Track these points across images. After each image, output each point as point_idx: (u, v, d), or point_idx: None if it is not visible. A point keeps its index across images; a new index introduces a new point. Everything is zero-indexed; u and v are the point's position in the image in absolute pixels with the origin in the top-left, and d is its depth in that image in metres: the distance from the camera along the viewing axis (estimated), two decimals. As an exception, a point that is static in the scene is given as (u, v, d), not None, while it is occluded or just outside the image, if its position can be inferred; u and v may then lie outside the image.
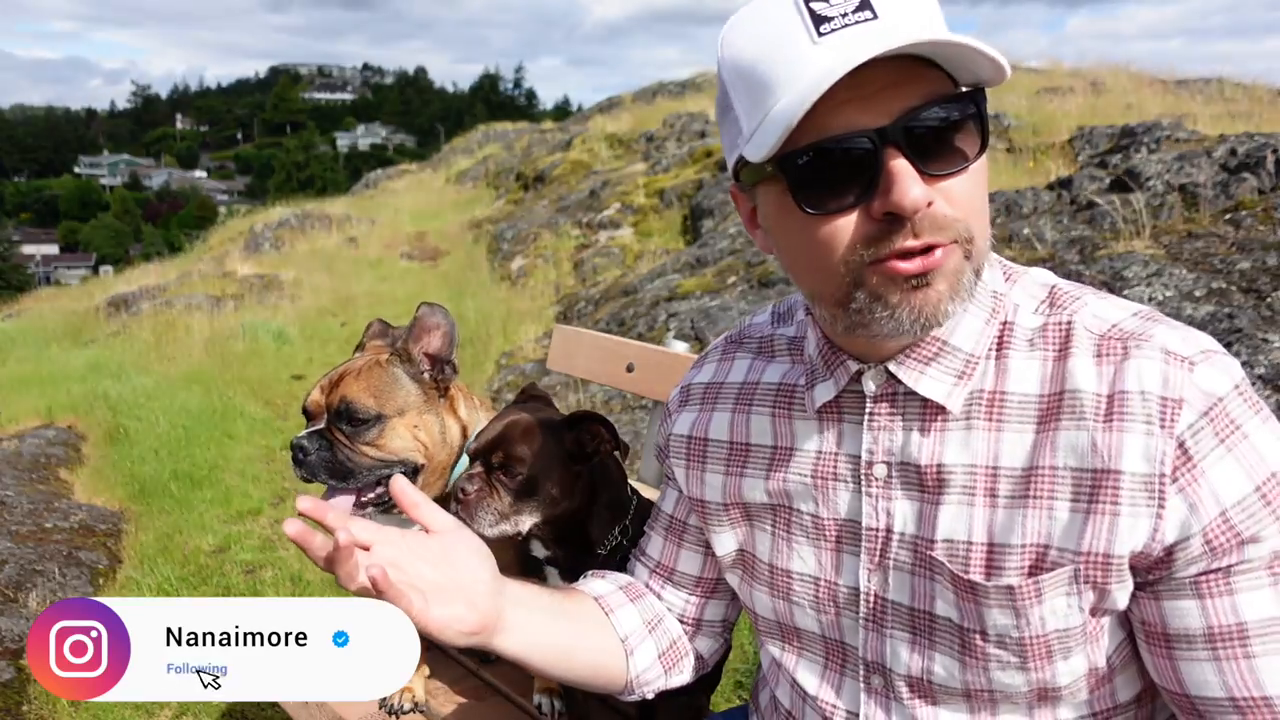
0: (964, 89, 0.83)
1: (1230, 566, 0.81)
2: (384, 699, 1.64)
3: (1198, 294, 3.82)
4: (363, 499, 1.47)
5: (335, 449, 1.43)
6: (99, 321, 9.73)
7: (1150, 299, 3.86)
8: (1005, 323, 0.92)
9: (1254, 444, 0.82)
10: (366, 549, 0.89)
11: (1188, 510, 0.81)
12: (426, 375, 1.51)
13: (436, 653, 1.84)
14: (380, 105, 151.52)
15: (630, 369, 2.01)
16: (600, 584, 1.22)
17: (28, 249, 66.64)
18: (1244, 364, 3.20)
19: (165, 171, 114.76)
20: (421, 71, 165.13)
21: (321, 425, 1.44)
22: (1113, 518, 0.83)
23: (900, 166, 0.78)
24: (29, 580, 3.31)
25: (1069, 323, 0.89)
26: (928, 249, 0.80)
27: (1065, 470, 0.85)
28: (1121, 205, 4.73)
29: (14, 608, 3.13)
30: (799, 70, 0.80)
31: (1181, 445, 0.81)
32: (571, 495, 1.32)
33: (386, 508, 1.49)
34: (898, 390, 0.93)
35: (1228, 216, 4.48)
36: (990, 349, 0.91)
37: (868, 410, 0.96)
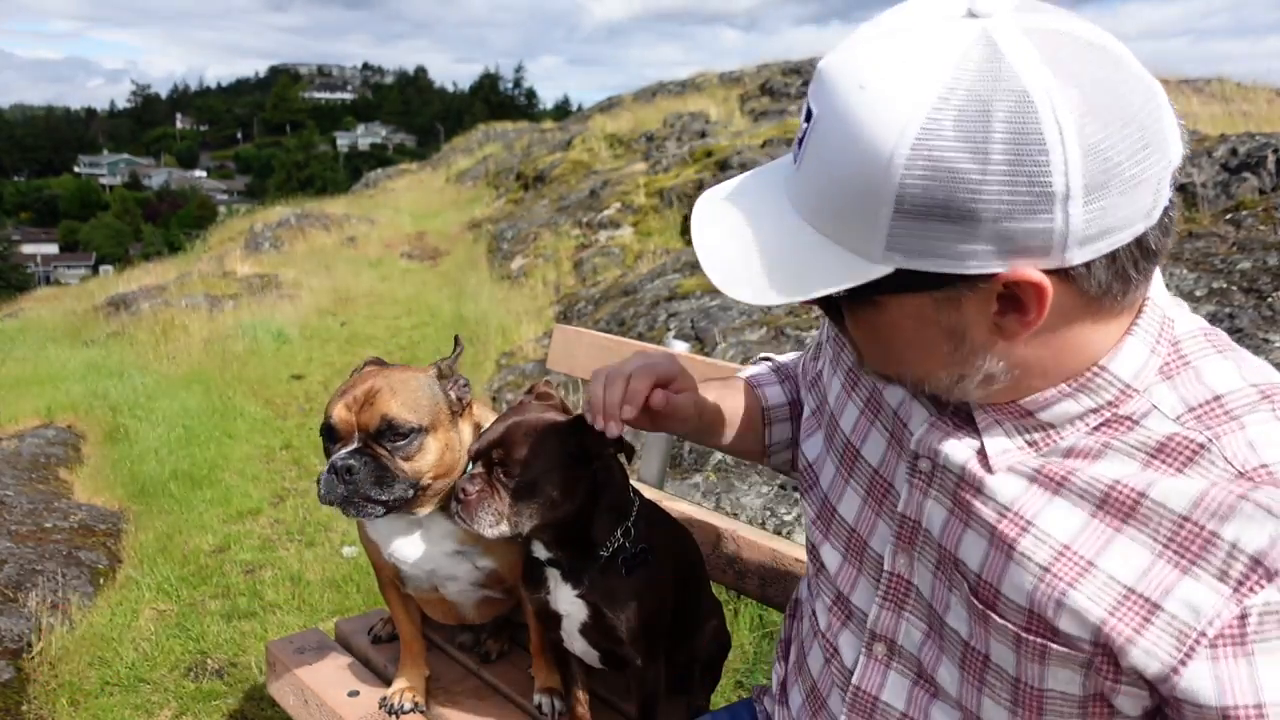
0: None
1: None
2: (384, 698, 1.64)
3: (1198, 294, 3.81)
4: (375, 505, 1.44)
5: (381, 462, 1.41)
6: (99, 321, 9.72)
7: (1150, 299, 3.86)
8: (1123, 417, 0.82)
9: None
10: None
11: (1212, 682, 0.73)
12: (452, 393, 1.51)
13: (437, 653, 1.84)
14: (380, 105, 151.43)
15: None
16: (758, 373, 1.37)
17: (27, 248, 66.59)
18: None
19: (165, 171, 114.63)
20: (421, 71, 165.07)
21: (355, 444, 1.41)
22: (1127, 642, 0.77)
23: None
24: (29, 580, 3.31)
25: (1201, 445, 0.78)
26: None
27: (1104, 573, 0.79)
28: (1122, 205, 4.73)
29: (13, 608, 3.13)
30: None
31: (1244, 617, 0.72)
32: (573, 497, 1.31)
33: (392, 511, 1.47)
34: (971, 414, 0.90)
35: (1228, 216, 4.48)
36: (1083, 430, 0.84)
37: (941, 410, 0.93)
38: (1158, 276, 0.84)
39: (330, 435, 1.45)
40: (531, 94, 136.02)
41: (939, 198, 0.71)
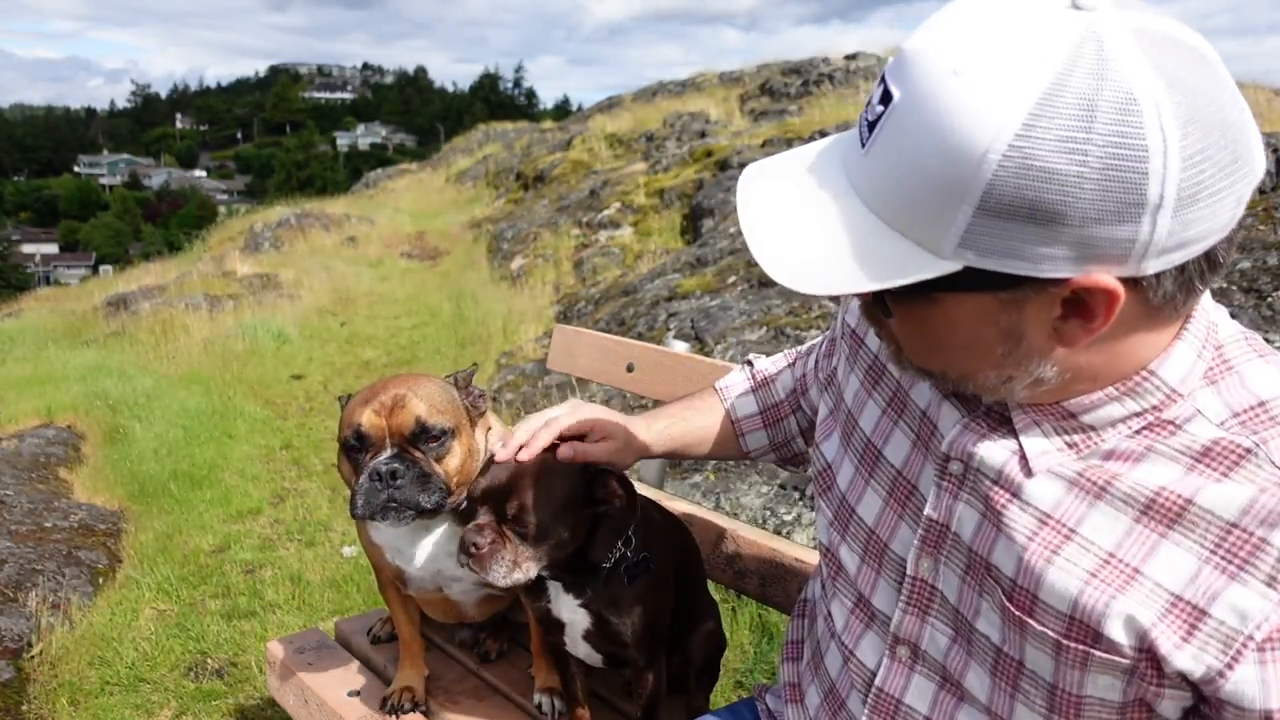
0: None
1: None
2: (384, 698, 1.64)
3: (1198, 294, 3.82)
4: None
5: (421, 465, 1.39)
6: (98, 321, 9.72)
7: (1150, 299, 3.86)
8: (1167, 421, 0.81)
9: None
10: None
11: (1258, 683, 0.73)
12: (467, 401, 1.51)
13: (436, 653, 1.84)
14: (380, 105, 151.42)
15: (630, 369, 2.01)
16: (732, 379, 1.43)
17: (27, 248, 66.59)
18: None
19: (165, 171, 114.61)
20: (421, 71, 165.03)
21: (391, 450, 1.39)
22: (1175, 648, 0.77)
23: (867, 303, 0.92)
24: (29, 580, 3.31)
25: (1247, 450, 0.77)
26: None
27: (1151, 581, 0.78)
28: (1121, 205, 4.73)
29: (14, 607, 3.13)
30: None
31: None
32: (580, 535, 1.30)
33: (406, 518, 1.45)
34: (1007, 415, 0.88)
35: (1228, 216, 4.48)
36: (1124, 433, 0.83)
37: (972, 410, 0.91)
38: (1205, 299, 0.83)
39: (360, 444, 1.40)
40: (531, 94, 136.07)
41: (1028, 198, 0.67)
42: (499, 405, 5.02)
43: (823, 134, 7.89)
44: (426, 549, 1.55)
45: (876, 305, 0.85)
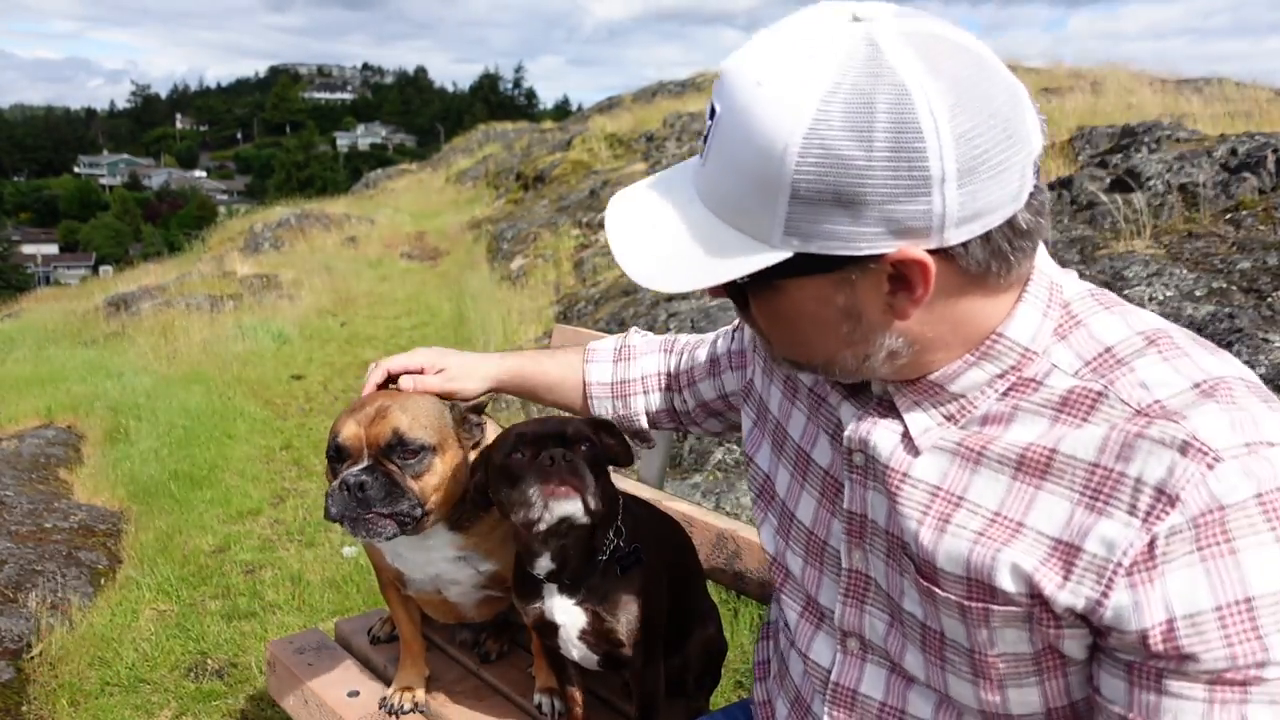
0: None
1: (1164, 670, 0.79)
2: (384, 698, 1.64)
3: (1198, 294, 3.81)
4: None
5: (394, 478, 1.38)
6: (98, 321, 9.72)
7: (1150, 299, 3.85)
8: (1028, 379, 0.88)
9: (1240, 562, 0.75)
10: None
11: (1130, 606, 0.78)
12: (462, 428, 1.48)
13: (436, 653, 1.84)
14: (380, 105, 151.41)
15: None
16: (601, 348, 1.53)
17: (27, 249, 66.59)
18: (1244, 363, 3.20)
19: (165, 171, 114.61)
20: (421, 71, 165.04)
21: (366, 462, 1.38)
22: (1057, 588, 0.82)
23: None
24: (29, 580, 3.31)
25: (1099, 393, 0.84)
26: None
27: (1033, 530, 0.84)
28: (1122, 205, 4.73)
29: (14, 608, 3.13)
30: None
31: (1152, 543, 0.77)
32: (609, 490, 1.33)
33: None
34: (893, 404, 0.95)
35: (1228, 216, 4.48)
36: (992, 398, 0.89)
37: (865, 405, 0.98)
38: (1043, 250, 0.90)
39: (339, 455, 1.41)
40: (531, 94, 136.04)
41: (830, 184, 0.77)
42: (499, 405, 5.01)
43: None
44: (423, 554, 1.54)
45: (739, 302, 0.93)
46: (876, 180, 0.76)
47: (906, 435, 0.92)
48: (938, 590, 0.90)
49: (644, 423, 1.50)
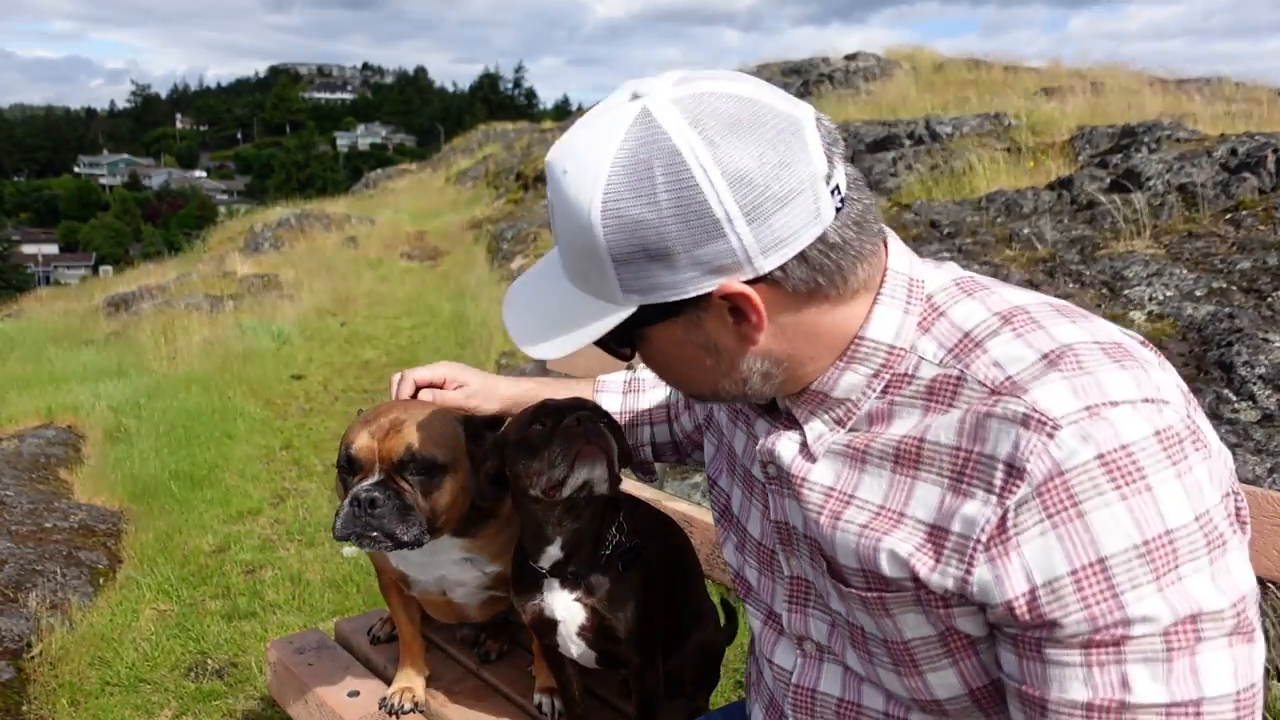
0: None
1: (1041, 639, 0.81)
2: (384, 699, 1.64)
3: (1198, 294, 3.81)
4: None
5: (403, 497, 1.35)
6: (99, 321, 9.74)
7: (1151, 299, 3.86)
8: (901, 374, 0.92)
9: (1089, 524, 0.77)
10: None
11: (992, 580, 0.81)
12: (474, 438, 1.44)
13: (436, 653, 1.84)
14: (380, 105, 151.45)
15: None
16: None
17: (27, 249, 66.65)
18: (1244, 364, 3.20)
19: (165, 171, 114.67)
20: (421, 71, 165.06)
21: (378, 476, 1.35)
22: (930, 570, 0.86)
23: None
24: (29, 580, 3.31)
25: (958, 378, 0.87)
26: None
27: (911, 519, 0.88)
28: (1122, 205, 4.73)
29: (14, 608, 3.13)
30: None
31: (1004, 517, 0.80)
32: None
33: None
34: (794, 414, 1.00)
35: (1228, 216, 4.48)
36: (872, 398, 0.93)
37: (774, 418, 1.04)
38: (900, 249, 0.96)
39: (350, 467, 1.38)
40: (531, 94, 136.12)
41: (636, 244, 0.84)
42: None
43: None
44: (428, 557, 1.54)
45: (622, 355, 0.99)
46: (673, 233, 0.83)
47: (803, 442, 0.98)
48: (845, 587, 0.95)
49: (649, 454, 1.55)
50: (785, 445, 0.99)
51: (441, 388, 1.48)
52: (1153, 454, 0.77)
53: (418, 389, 1.47)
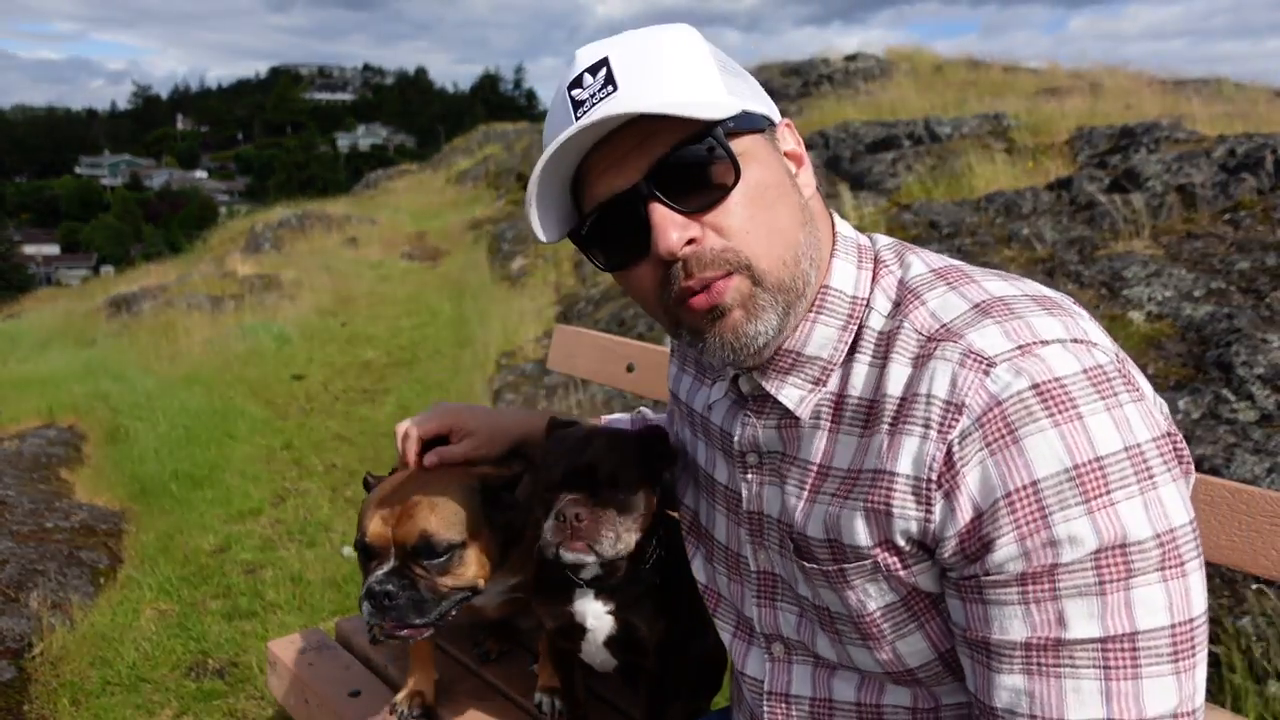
0: (706, 122, 0.86)
1: (980, 576, 0.82)
2: (394, 703, 1.63)
3: (1197, 294, 3.82)
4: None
5: (418, 585, 1.32)
6: (100, 322, 9.74)
7: (1150, 299, 3.86)
8: (861, 327, 0.95)
9: (1023, 449, 0.79)
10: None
11: (948, 514, 0.83)
12: (493, 502, 1.41)
13: (436, 652, 1.84)
14: (381, 105, 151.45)
15: (630, 369, 2.02)
16: None
17: (29, 249, 66.65)
18: (1243, 364, 3.20)
19: (166, 172, 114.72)
20: (422, 72, 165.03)
21: (393, 563, 1.33)
22: (886, 515, 0.87)
23: (658, 216, 0.87)
24: (30, 580, 3.31)
25: (899, 327, 0.91)
26: (706, 285, 0.88)
27: (868, 473, 0.89)
28: (1121, 205, 4.74)
29: (15, 607, 3.14)
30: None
31: (949, 452, 0.82)
32: (653, 506, 1.27)
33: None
34: (766, 394, 1.00)
35: (1227, 217, 4.48)
36: (844, 354, 0.95)
37: (743, 409, 1.04)
38: (841, 220, 1.01)
39: (367, 553, 1.35)
40: (531, 95, 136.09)
41: (726, 60, 0.93)
42: (499, 405, 5.02)
43: (822, 135, 7.90)
44: None
45: (708, 195, 0.89)
46: (736, 65, 0.95)
47: (784, 422, 0.98)
48: (810, 565, 0.96)
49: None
50: (765, 430, 1.01)
51: (447, 438, 1.42)
52: (1083, 388, 0.80)
53: (423, 444, 1.41)
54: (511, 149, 19.05)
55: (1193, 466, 0.86)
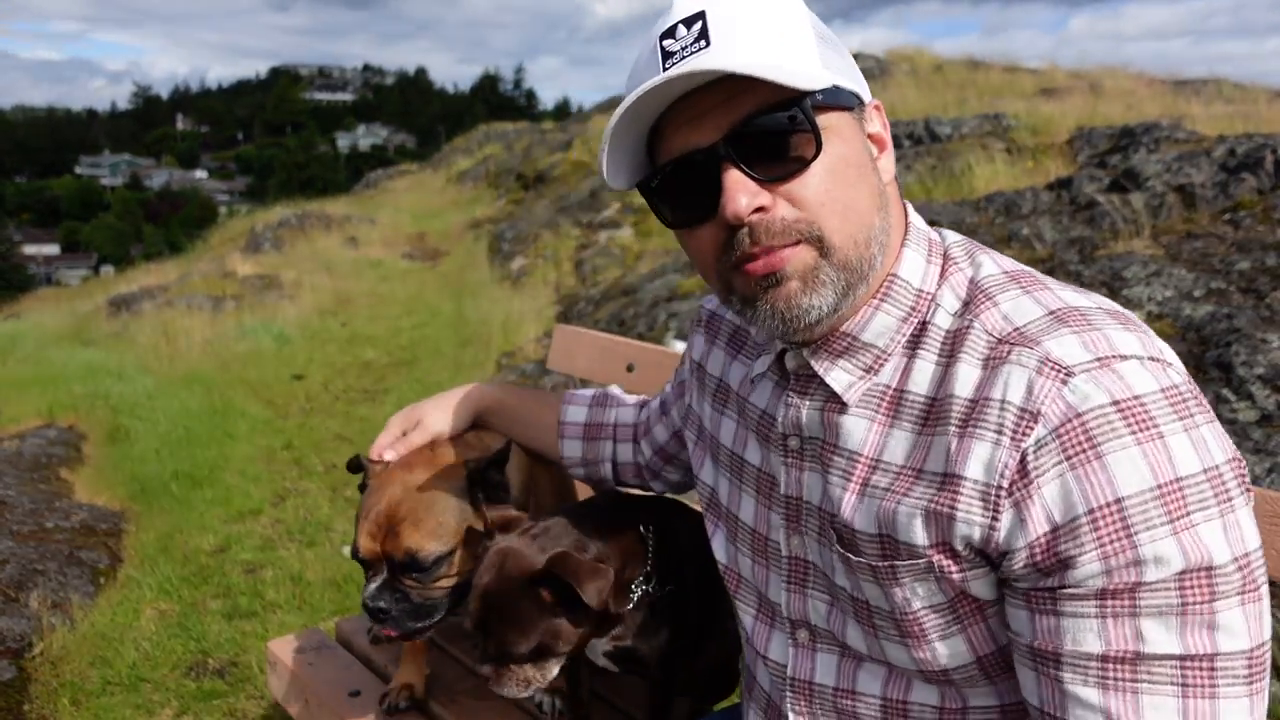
0: (797, 91, 0.83)
1: (1056, 589, 0.80)
2: (384, 695, 1.65)
3: (1197, 294, 3.82)
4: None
5: (411, 596, 1.35)
6: (100, 322, 9.74)
7: (1149, 299, 3.86)
8: (924, 322, 0.93)
9: (1106, 465, 0.78)
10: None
11: (1018, 524, 0.81)
12: (481, 497, 1.41)
13: (437, 652, 1.85)
14: (381, 105, 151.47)
15: (630, 369, 2.01)
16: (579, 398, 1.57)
17: (29, 249, 66.69)
18: (1243, 364, 3.20)
19: (166, 172, 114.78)
20: (422, 72, 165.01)
21: (384, 576, 1.35)
22: (948, 519, 0.85)
23: (730, 179, 0.85)
24: (30, 580, 3.31)
25: (968, 327, 0.89)
26: (769, 250, 0.86)
27: (929, 474, 0.88)
28: (1121, 205, 4.74)
29: (15, 607, 3.14)
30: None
31: (1024, 460, 0.80)
32: (573, 631, 1.22)
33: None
34: (813, 373, 0.98)
35: (1227, 217, 4.48)
36: (903, 346, 0.93)
37: (786, 388, 1.02)
38: (914, 212, 0.99)
39: (362, 564, 1.38)
40: (531, 94, 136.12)
41: (826, 31, 0.91)
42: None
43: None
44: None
45: (785, 166, 0.86)
46: (835, 39, 0.92)
47: (831, 406, 0.96)
48: (854, 557, 0.94)
49: (608, 471, 1.53)
50: (810, 413, 0.98)
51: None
52: (1162, 408, 0.78)
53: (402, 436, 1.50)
54: (511, 149, 19.04)
55: (1251, 491, 0.86)
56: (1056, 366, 0.81)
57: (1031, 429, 0.80)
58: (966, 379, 0.86)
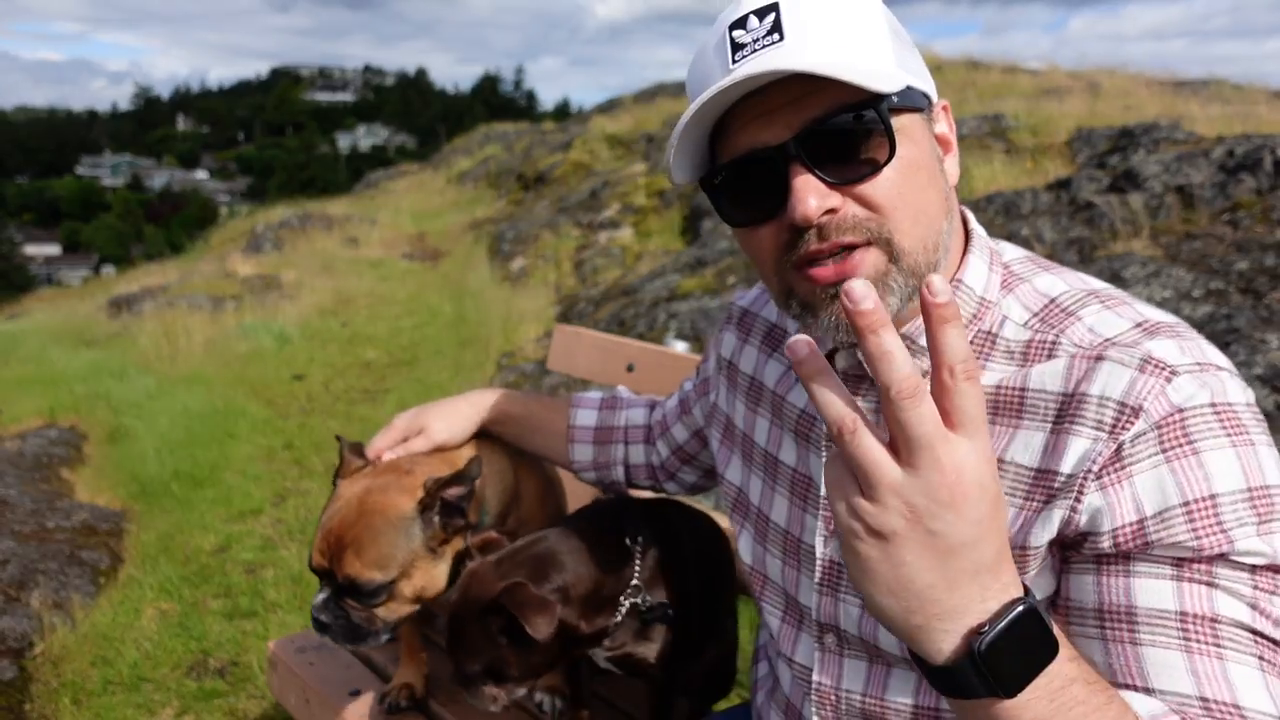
0: (873, 92, 0.81)
1: (1132, 554, 0.80)
2: (382, 694, 1.65)
3: (1195, 294, 3.82)
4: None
5: (350, 616, 1.36)
6: (101, 322, 9.75)
7: (1149, 299, 3.87)
8: (987, 332, 0.91)
9: (1203, 461, 0.78)
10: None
11: (1102, 507, 0.80)
12: (437, 520, 1.37)
13: (437, 652, 1.85)
14: (381, 106, 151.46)
15: (630, 369, 2.02)
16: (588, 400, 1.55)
17: (30, 249, 66.71)
18: (1240, 364, 3.21)
19: (167, 172, 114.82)
20: (422, 72, 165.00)
21: (327, 593, 1.37)
22: (1036, 514, 0.84)
23: (800, 180, 0.82)
24: (31, 580, 3.32)
25: (1054, 343, 0.88)
26: (838, 251, 0.83)
27: (1014, 466, 0.86)
28: (1120, 206, 4.74)
29: (16, 607, 3.14)
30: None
31: (1119, 449, 0.80)
32: (550, 649, 1.27)
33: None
34: (864, 373, 0.95)
35: (1225, 217, 4.49)
36: None
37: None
38: (975, 221, 0.98)
39: (314, 571, 1.40)
40: (532, 95, 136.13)
41: (899, 29, 0.89)
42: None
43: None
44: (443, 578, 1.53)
45: (857, 169, 0.84)
46: (907, 35, 0.91)
47: (876, 410, 0.94)
48: None
49: (620, 474, 1.51)
50: (862, 407, 0.97)
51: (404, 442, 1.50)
52: (1250, 418, 0.81)
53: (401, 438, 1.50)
54: (512, 149, 19.05)
55: None
56: (1160, 365, 0.81)
57: (1132, 423, 0.80)
58: (1056, 376, 0.85)
